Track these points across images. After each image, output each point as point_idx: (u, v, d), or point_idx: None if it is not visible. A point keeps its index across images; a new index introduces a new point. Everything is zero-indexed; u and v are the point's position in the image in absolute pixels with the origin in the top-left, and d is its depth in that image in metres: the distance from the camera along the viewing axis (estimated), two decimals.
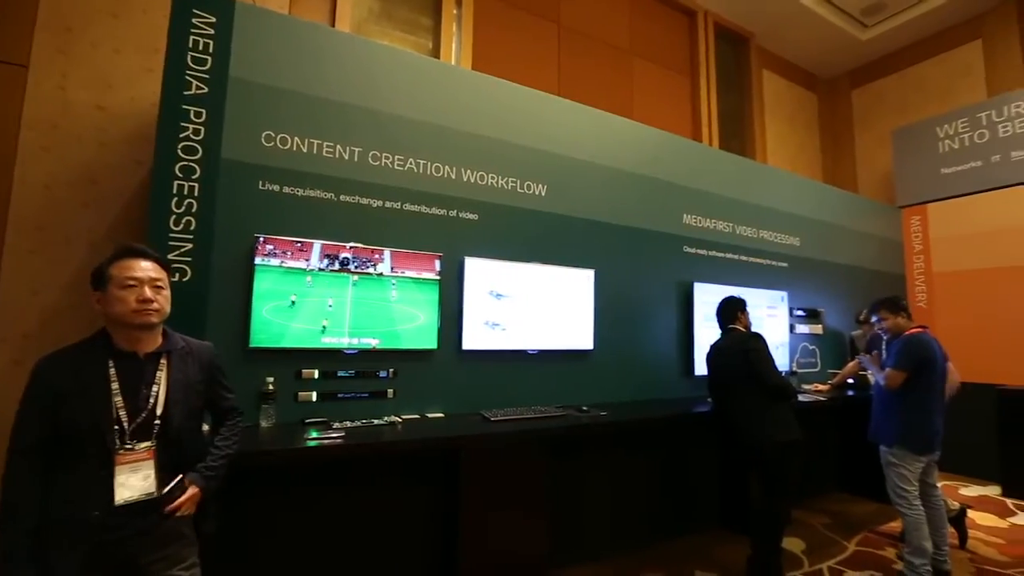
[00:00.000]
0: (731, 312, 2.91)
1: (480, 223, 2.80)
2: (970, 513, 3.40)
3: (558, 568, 2.69)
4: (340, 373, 2.37)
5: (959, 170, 5.26)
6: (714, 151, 4.44)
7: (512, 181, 2.94)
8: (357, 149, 2.50)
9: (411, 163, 2.64)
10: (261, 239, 2.19)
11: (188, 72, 2.11)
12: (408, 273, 2.51)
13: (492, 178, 2.87)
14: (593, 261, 3.14)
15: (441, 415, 2.54)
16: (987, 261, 4.90)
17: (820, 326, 4.49)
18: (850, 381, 3.93)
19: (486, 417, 2.46)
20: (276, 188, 2.29)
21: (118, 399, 1.26)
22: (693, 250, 3.70)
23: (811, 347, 4.44)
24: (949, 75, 5.88)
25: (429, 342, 2.54)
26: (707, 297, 3.56)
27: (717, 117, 5.60)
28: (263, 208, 2.26)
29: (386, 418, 2.34)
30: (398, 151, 2.61)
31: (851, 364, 3.89)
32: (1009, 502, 4.03)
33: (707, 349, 2.96)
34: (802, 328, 4.35)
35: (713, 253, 3.81)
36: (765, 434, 2.58)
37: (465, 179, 2.79)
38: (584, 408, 2.76)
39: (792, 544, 3.04)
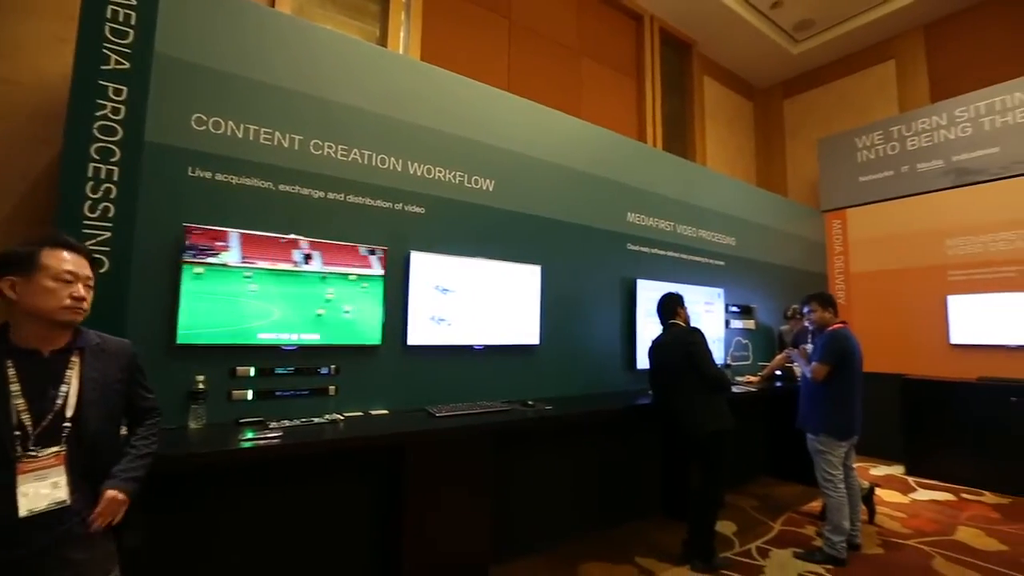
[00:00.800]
0: (671, 308, 3.04)
1: (427, 217, 2.76)
2: (877, 491, 3.74)
3: (503, 560, 2.72)
4: (278, 370, 2.27)
5: (874, 178, 5.72)
6: (658, 152, 4.59)
7: (460, 175, 2.92)
8: (298, 137, 2.40)
9: (355, 154, 2.56)
10: (190, 229, 2.05)
11: (106, 45, 1.94)
12: (352, 267, 2.44)
13: (439, 172, 2.84)
14: (540, 257, 3.18)
15: (385, 412, 2.50)
16: (896, 262, 5.38)
17: (753, 321, 4.76)
18: (778, 373, 4.20)
19: (431, 413, 2.44)
20: (208, 175, 2.16)
21: (19, 402, 1.15)
22: (636, 248, 3.82)
23: (744, 341, 4.70)
24: (867, 91, 6.37)
25: (373, 338, 2.49)
26: (649, 293, 3.69)
27: (661, 119, 5.79)
28: (193, 196, 2.12)
29: (327, 416, 2.27)
30: (342, 141, 2.53)
31: (779, 357, 4.15)
32: (911, 480, 4.46)
33: (649, 344, 3.07)
34: (736, 323, 4.60)
35: (655, 251, 3.96)
36: (703, 423, 2.72)
37: (412, 172, 2.74)
38: (530, 402, 2.80)
39: (724, 527, 3.22)
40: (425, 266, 2.70)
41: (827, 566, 2.78)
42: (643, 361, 3.53)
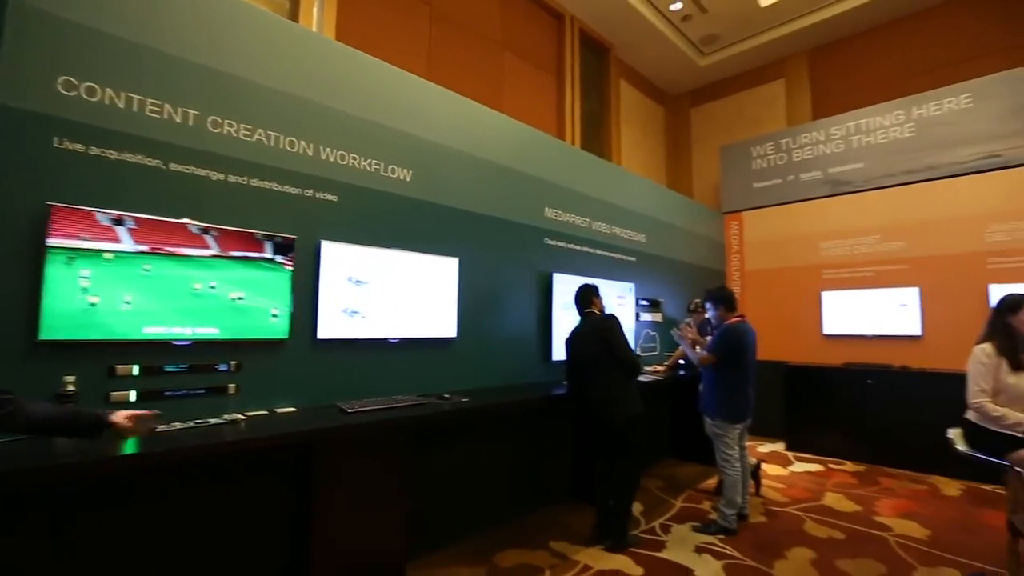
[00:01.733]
0: (587, 298, 3.16)
1: (339, 205, 2.64)
2: (763, 466, 4.16)
3: (421, 555, 2.71)
4: (168, 368, 2.07)
5: (766, 185, 6.31)
6: (576, 150, 4.73)
7: (375, 163, 2.82)
8: (193, 112, 2.19)
9: (261, 134, 2.39)
10: (56, 209, 1.80)
11: None
12: (256, 255, 2.28)
13: (354, 158, 2.73)
14: (457, 249, 3.16)
15: (293, 409, 2.37)
16: (782, 262, 5.99)
17: (660, 314, 5.08)
18: (681, 362, 4.52)
19: (342, 409, 2.35)
20: (79, 148, 1.91)
21: None
22: (554, 242, 3.92)
23: (652, 333, 5.01)
24: (761, 105, 7.00)
25: (279, 331, 2.34)
26: (566, 287, 3.80)
27: (580, 119, 5.98)
28: (61, 171, 1.86)
29: (226, 416, 2.11)
30: (245, 119, 2.34)
31: (680, 349, 4.47)
32: (790, 455, 5.01)
33: (565, 336, 3.18)
34: (646, 316, 4.88)
35: (572, 246, 4.09)
36: (621, 410, 2.86)
37: (324, 157, 2.60)
38: (446, 395, 2.78)
39: (633, 507, 3.41)
40: (337, 256, 2.58)
41: (720, 536, 3.06)
42: (559, 353, 3.65)
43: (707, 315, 3.48)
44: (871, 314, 5.21)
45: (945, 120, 5.11)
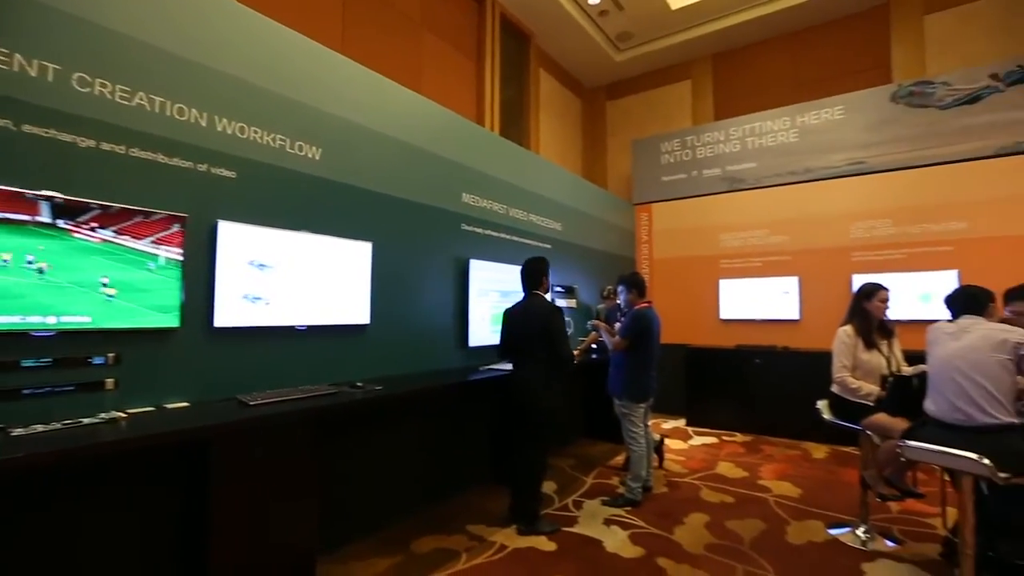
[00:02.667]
0: (536, 276, 3.10)
1: (239, 183, 2.43)
2: (666, 441, 4.48)
3: (336, 547, 2.62)
4: (26, 362, 1.81)
5: (673, 179, 6.72)
6: (495, 137, 4.73)
7: (280, 139, 2.63)
8: (53, 66, 1.89)
9: (142, 97, 2.12)
10: None
11: None
12: (137, 235, 2.04)
13: (255, 132, 2.52)
14: (371, 233, 3.05)
15: (185, 404, 2.17)
16: (686, 251, 6.45)
17: (575, 300, 5.26)
18: (594, 346, 4.72)
19: (244, 402, 2.19)
20: None
21: None
22: (471, 228, 3.91)
23: (567, 319, 5.15)
24: (671, 103, 7.41)
25: (167, 319, 2.13)
26: (482, 273, 3.82)
27: (500, 106, 5.97)
28: None
29: (103, 415, 1.88)
30: (123, 79, 2.07)
31: (593, 333, 4.66)
32: (690, 430, 5.45)
33: (481, 322, 3.19)
34: (561, 302, 5.02)
35: (489, 232, 4.09)
36: (543, 398, 2.92)
37: (220, 129, 2.38)
38: (359, 384, 2.69)
39: (547, 486, 3.53)
40: (237, 238, 2.38)
41: (627, 508, 3.26)
42: (476, 339, 3.66)
43: (619, 300, 3.65)
44: (760, 300, 5.77)
45: (822, 128, 5.73)
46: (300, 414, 2.17)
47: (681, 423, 5.70)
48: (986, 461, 1.95)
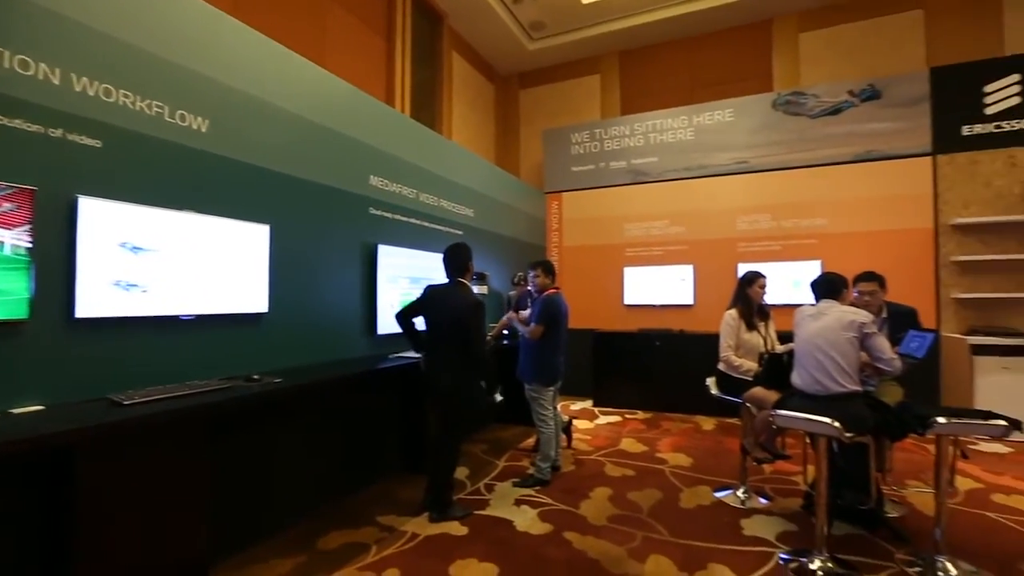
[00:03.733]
0: (460, 263, 3.03)
1: (105, 153, 2.13)
2: (574, 422, 4.69)
3: (235, 552, 2.45)
4: None
5: (582, 170, 6.95)
6: (406, 119, 4.57)
7: (158, 106, 2.33)
8: None
9: None
10: None
11: None
12: None
13: (126, 96, 2.21)
14: (269, 215, 2.83)
15: (39, 408, 1.88)
16: (594, 240, 6.73)
17: (486, 287, 5.28)
18: (505, 332, 4.79)
19: (117, 402, 1.95)
20: None
21: None
22: (379, 212, 3.77)
23: None
24: (581, 95, 7.62)
25: (12, 310, 1.82)
26: (391, 259, 3.71)
27: (411, 87, 5.78)
28: None
29: None
30: None
31: (503, 320, 4.71)
32: (596, 410, 5.74)
33: (390, 309, 3.10)
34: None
35: (398, 217, 3.97)
36: (456, 387, 2.89)
37: (79, 89, 2.06)
38: (255, 376, 2.50)
39: (459, 472, 3.54)
40: (104, 217, 2.09)
41: (536, 488, 3.37)
42: (384, 327, 3.56)
43: (529, 286, 3.72)
44: (660, 287, 6.20)
45: (714, 129, 6.22)
46: (184, 412, 1.97)
47: (588, 404, 5.98)
48: (836, 424, 2.26)
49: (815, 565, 2.34)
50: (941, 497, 2.39)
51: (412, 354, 3.37)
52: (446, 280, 3.08)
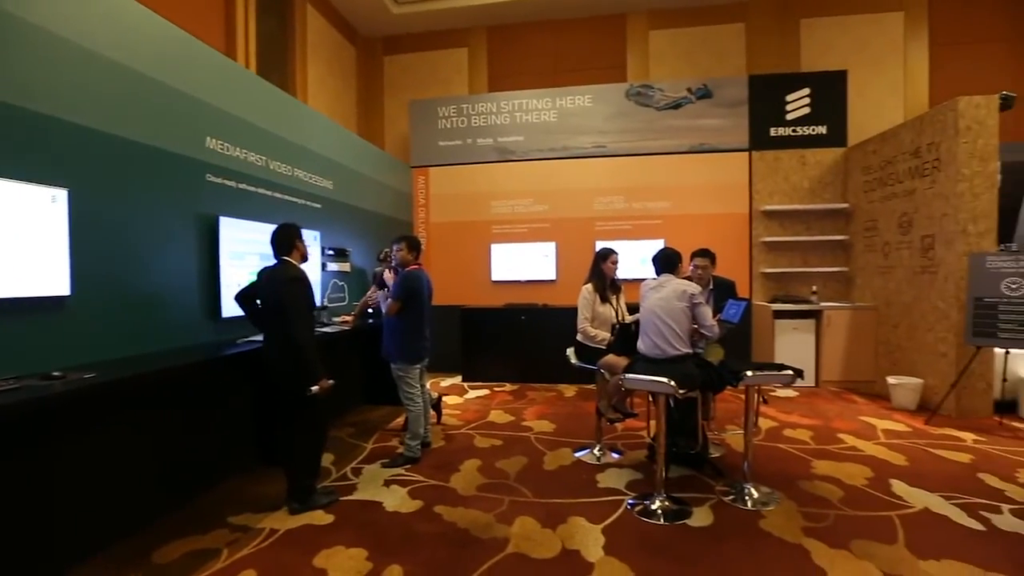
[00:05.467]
0: (285, 241, 2.80)
1: None
2: (444, 399, 4.72)
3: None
4: None
5: (450, 144, 6.86)
6: (250, 75, 4.04)
7: None
8: None
9: None
10: None
11: None
12: None
13: None
14: (67, 177, 2.29)
15: None
16: (461, 216, 6.75)
17: (348, 264, 5.01)
18: (370, 311, 4.60)
19: None
20: None
21: None
22: (219, 180, 3.30)
23: (340, 283, 4.91)
24: (449, 68, 7.46)
25: None
26: (235, 233, 3.30)
27: (256, 40, 5.12)
28: None
29: None
30: None
31: (366, 297, 4.51)
32: (466, 385, 5.84)
33: (236, 289, 2.79)
34: (333, 266, 4.73)
35: (243, 186, 3.53)
36: (283, 371, 2.68)
37: None
38: (56, 373, 2.05)
39: (324, 459, 3.34)
40: None
41: (407, 466, 3.34)
42: (228, 309, 3.17)
43: (392, 261, 3.60)
44: (525, 263, 6.44)
45: (575, 112, 6.55)
46: None
47: (458, 379, 6.06)
48: (672, 383, 2.59)
49: (655, 505, 2.68)
50: (748, 436, 2.90)
51: (261, 338, 3.05)
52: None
